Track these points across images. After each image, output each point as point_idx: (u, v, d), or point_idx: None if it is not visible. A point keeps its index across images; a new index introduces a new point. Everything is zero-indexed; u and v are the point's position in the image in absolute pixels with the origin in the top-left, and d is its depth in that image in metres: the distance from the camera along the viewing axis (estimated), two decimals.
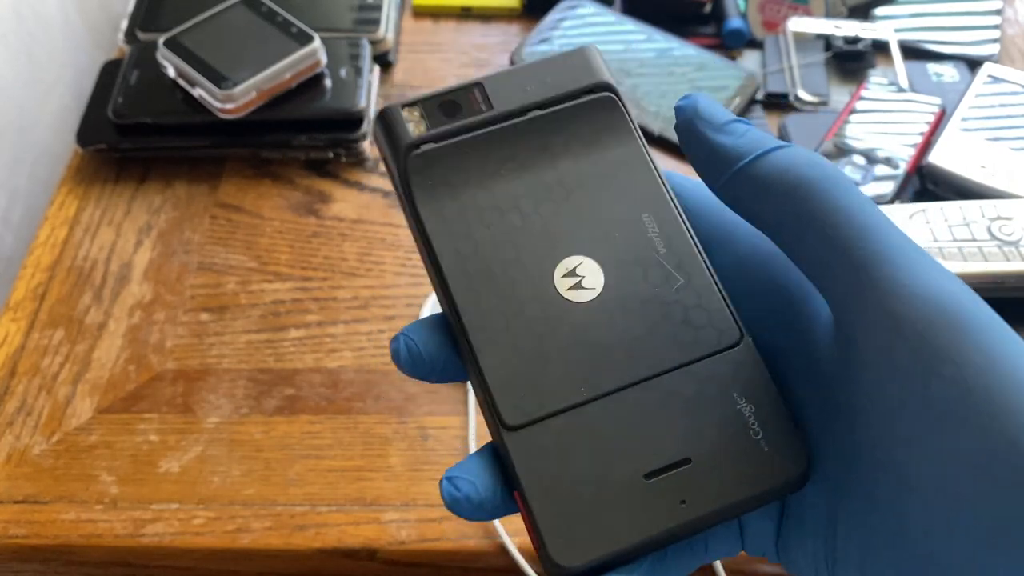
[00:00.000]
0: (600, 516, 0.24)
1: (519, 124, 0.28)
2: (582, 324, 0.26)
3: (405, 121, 0.27)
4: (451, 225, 0.27)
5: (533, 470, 0.25)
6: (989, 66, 0.70)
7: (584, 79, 0.29)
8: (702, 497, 0.24)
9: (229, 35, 0.68)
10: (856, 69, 0.74)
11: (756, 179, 0.24)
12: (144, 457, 0.53)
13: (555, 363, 0.26)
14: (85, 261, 0.63)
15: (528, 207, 0.27)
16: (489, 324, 0.26)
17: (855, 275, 0.23)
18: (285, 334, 0.59)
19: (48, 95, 0.77)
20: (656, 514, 0.24)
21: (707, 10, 0.77)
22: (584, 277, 0.27)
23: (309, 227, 0.65)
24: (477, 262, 0.27)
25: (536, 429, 0.25)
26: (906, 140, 0.65)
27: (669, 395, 0.25)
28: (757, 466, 0.25)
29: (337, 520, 0.51)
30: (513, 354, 0.26)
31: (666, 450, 0.25)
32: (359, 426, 0.55)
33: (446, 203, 0.27)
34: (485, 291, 0.26)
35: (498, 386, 0.25)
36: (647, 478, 0.25)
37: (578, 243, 0.27)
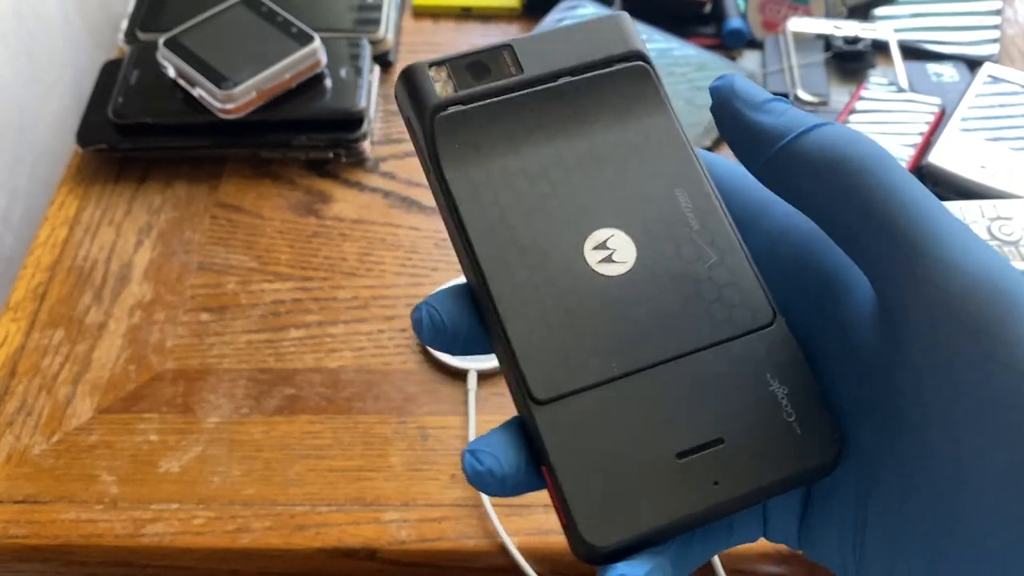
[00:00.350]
0: (632, 495, 0.23)
1: (550, 89, 0.27)
2: (613, 298, 0.25)
3: (432, 81, 0.26)
4: (479, 190, 0.26)
5: (563, 446, 0.24)
6: (989, 66, 0.70)
7: (617, 47, 0.28)
8: (735, 478, 0.24)
9: (229, 35, 0.68)
10: (856, 69, 0.74)
11: (799, 157, 0.24)
12: (144, 457, 0.53)
13: (585, 337, 0.25)
14: (85, 261, 0.63)
15: (558, 176, 0.26)
16: (518, 294, 0.25)
17: (902, 253, 0.22)
18: (285, 334, 0.59)
19: (48, 95, 0.77)
20: (688, 495, 0.24)
21: (707, 10, 0.77)
22: (615, 250, 0.26)
23: (309, 227, 0.65)
24: (505, 230, 0.26)
25: (566, 404, 0.24)
26: (906, 140, 0.65)
27: (701, 374, 0.25)
28: (790, 448, 0.24)
29: (337, 520, 0.51)
30: (542, 326, 0.25)
31: (698, 430, 0.24)
32: (359, 426, 0.55)
33: (474, 168, 0.26)
34: (514, 260, 0.25)
35: (527, 358, 0.24)
36: (679, 457, 0.24)
37: (609, 215, 0.26)
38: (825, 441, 0.25)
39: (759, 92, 0.25)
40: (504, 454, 0.24)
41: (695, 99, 0.71)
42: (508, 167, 0.26)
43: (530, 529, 0.50)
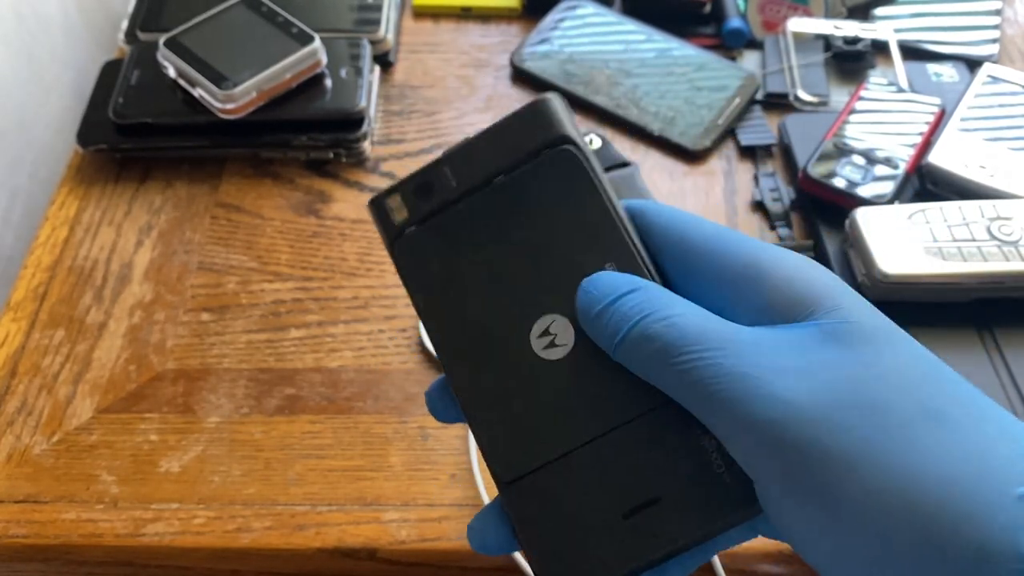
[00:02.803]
0: (587, 553, 0.27)
1: (487, 193, 0.30)
2: (558, 380, 0.29)
3: (389, 210, 0.31)
4: (437, 301, 0.30)
5: (527, 517, 0.28)
6: (989, 66, 0.70)
7: (544, 135, 0.30)
8: (673, 530, 0.27)
9: (229, 35, 0.68)
10: (856, 69, 0.74)
11: (626, 360, 0.27)
12: (144, 457, 0.54)
13: (538, 419, 0.28)
14: (86, 261, 0.63)
15: (502, 271, 0.30)
16: (479, 390, 0.29)
17: (711, 425, 0.26)
18: (285, 334, 0.59)
19: (48, 95, 0.78)
20: (634, 548, 0.27)
21: (707, 10, 0.77)
22: (556, 335, 0.29)
23: (309, 227, 0.65)
24: (463, 335, 0.29)
25: (526, 481, 0.28)
26: (906, 140, 0.65)
27: (638, 439, 0.28)
28: (720, 497, 0.27)
29: (337, 520, 0.51)
30: (501, 415, 0.29)
31: (638, 491, 0.27)
32: (359, 426, 0.55)
33: (431, 282, 0.30)
34: (473, 362, 0.29)
35: (491, 447, 0.28)
36: (625, 518, 0.27)
37: (549, 301, 0.29)
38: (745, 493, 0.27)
39: (595, 302, 0.28)
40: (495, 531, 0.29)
41: (695, 99, 0.71)
42: (459, 272, 0.30)
43: None
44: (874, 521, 0.23)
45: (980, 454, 0.23)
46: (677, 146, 0.69)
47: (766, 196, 0.66)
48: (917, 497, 0.23)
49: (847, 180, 0.62)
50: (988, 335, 0.56)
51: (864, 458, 0.23)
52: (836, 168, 0.63)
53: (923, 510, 0.22)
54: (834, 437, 0.24)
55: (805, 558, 0.25)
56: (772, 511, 0.25)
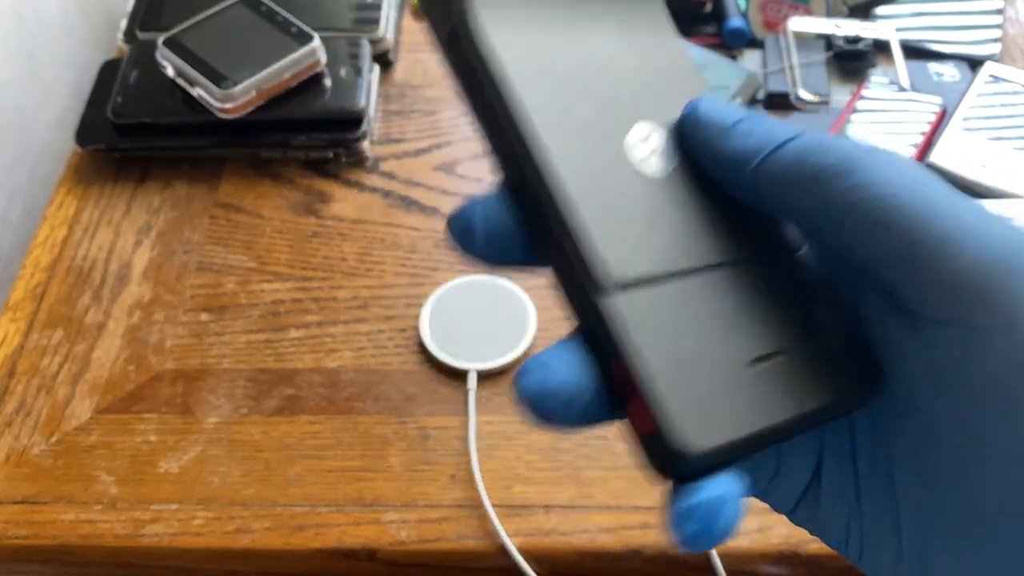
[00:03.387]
0: (716, 400, 0.22)
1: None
2: (662, 196, 0.24)
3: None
4: (520, 54, 0.23)
5: (643, 340, 0.21)
6: (990, 66, 0.70)
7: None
8: (803, 393, 0.23)
9: (229, 35, 0.68)
10: (857, 69, 0.73)
11: (771, 178, 0.23)
12: (143, 457, 0.53)
13: (648, 227, 0.23)
14: (84, 261, 0.63)
15: (594, 60, 0.25)
16: (576, 172, 0.22)
17: (900, 251, 0.21)
18: (285, 334, 0.59)
19: (48, 95, 0.77)
20: (767, 404, 0.22)
21: (707, 9, 0.77)
22: (655, 149, 0.24)
23: (309, 227, 0.65)
24: (557, 104, 0.23)
25: (640, 293, 0.22)
26: (907, 140, 0.64)
27: (755, 283, 0.24)
28: (841, 370, 0.23)
29: (337, 520, 0.51)
30: (605, 208, 0.23)
31: (767, 338, 0.23)
32: (359, 426, 0.55)
33: (511, 30, 0.23)
34: (570, 137, 0.23)
35: (596, 240, 0.22)
36: (751, 364, 0.22)
37: (646, 112, 0.25)
38: (866, 368, 0.24)
39: (725, 115, 0.24)
40: (569, 369, 0.21)
41: None
42: (543, 39, 0.24)
43: (530, 529, 0.50)
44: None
45: None
46: None
47: None
48: None
49: None
50: None
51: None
52: None
53: None
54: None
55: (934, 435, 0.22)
56: (958, 363, 0.21)
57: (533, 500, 0.51)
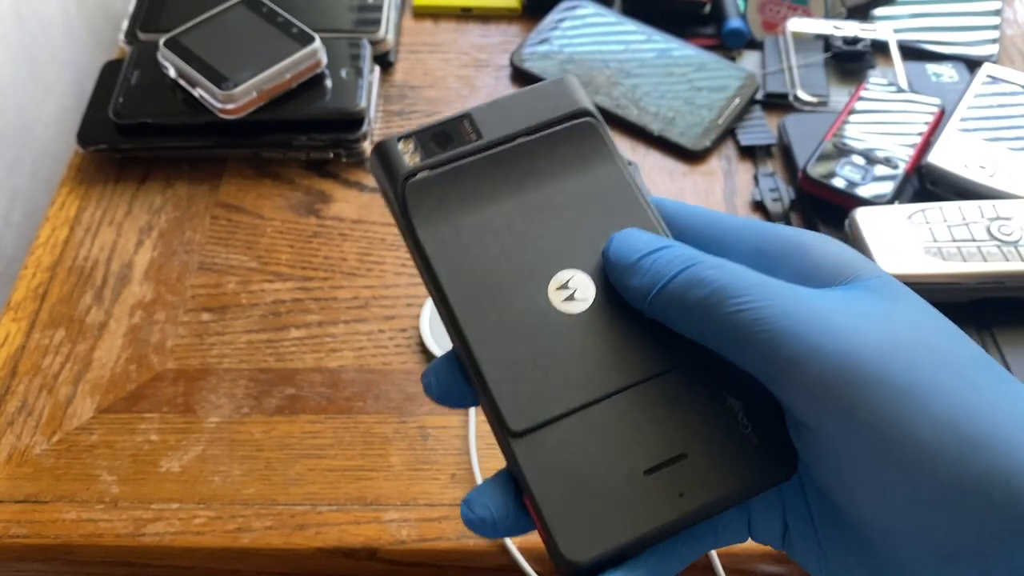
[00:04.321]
0: (606, 512, 0.25)
1: (508, 150, 0.30)
2: (577, 334, 0.28)
3: (401, 153, 0.29)
4: (449, 246, 0.28)
5: (540, 473, 0.26)
6: (988, 66, 0.70)
7: (565, 106, 0.30)
8: (699, 489, 0.26)
9: (230, 35, 0.68)
10: (855, 69, 0.74)
11: (665, 309, 0.27)
12: (145, 457, 0.54)
13: (554, 371, 0.27)
14: (86, 261, 0.63)
15: (520, 226, 0.29)
16: (490, 336, 0.27)
17: (768, 368, 0.25)
18: (286, 334, 0.59)
19: (48, 95, 0.78)
20: (657, 507, 0.26)
21: (707, 10, 0.77)
22: (576, 289, 0.28)
23: (309, 227, 0.65)
24: (475, 280, 0.28)
25: (540, 434, 0.26)
26: (905, 140, 0.65)
27: (662, 396, 0.27)
28: (748, 458, 0.26)
29: (337, 520, 0.51)
30: (515, 365, 0.27)
31: (663, 447, 0.26)
32: (359, 426, 0.55)
33: (443, 226, 0.29)
34: (485, 307, 0.28)
35: (502, 395, 0.27)
36: (647, 474, 0.26)
37: (569, 258, 0.29)
38: (781, 450, 0.27)
39: (630, 253, 0.28)
40: (494, 502, 0.27)
41: (695, 99, 0.71)
42: (474, 222, 0.29)
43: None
44: (942, 458, 0.23)
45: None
46: (677, 146, 0.69)
47: (766, 196, 0.66)
48: (985, 433, 0.23)
49: (847, 180, 0.62)
50: (988, 335, 0.56)
51: (932, 393, 0.23)
52: (836, 168, 0.63)
53: (992, 447, 0.22)
54: (904, 371, 0.23)
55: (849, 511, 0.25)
56: (826, 456, 0.25)
57: None
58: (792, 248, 0.27)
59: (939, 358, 0.24)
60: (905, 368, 0.24)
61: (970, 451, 0.22)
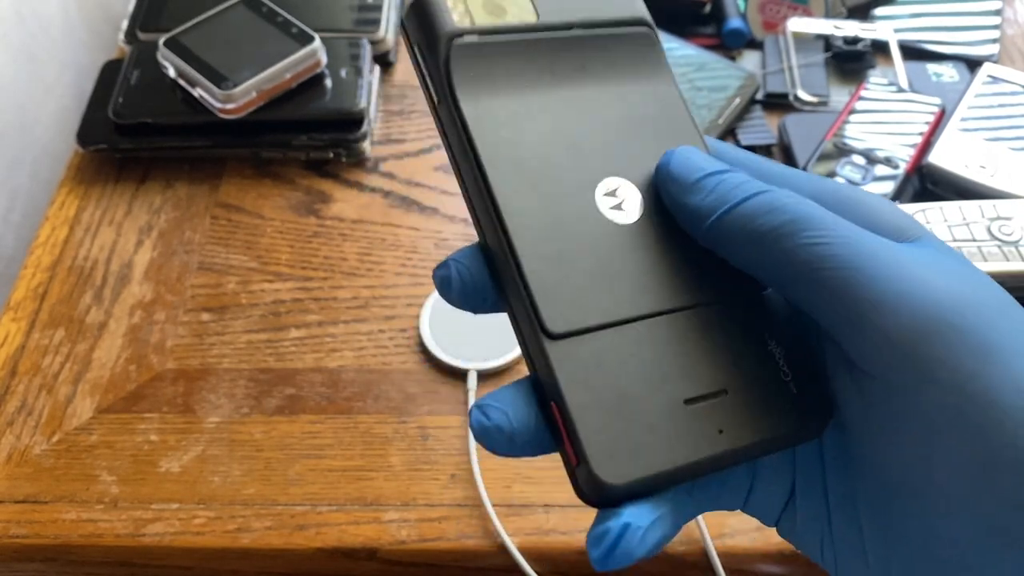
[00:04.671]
0: (642, 437, 0.23)
1: (564, 39, 0.27)
2: (623, 246, 0.26)
3: (449, 9, 0.26)
4: (491, 122, 0.26)
5: (575, 382, 0.23)
6: (989, 66, 0.70)
7: (627, 11, 0.29)
8: (738, 429, 0.24)
9: (229, 35, 0.68)
10: (856, 69, 0.74)
11: (726, 235, 0.25)
12: (144, 457, 0.54)
13: (597, 279, 0.25)
14: (86, 261, 0.63)
15: (569, 121, 0.27)
16: (531, 230, 0.25)
17: (839, 310, 0.23)
18: (285, 334, 0.59)
19: (48, 95, 0.78)
20: (696, 441, 0.24)
21: (707, 10, 0.77)
22: (624, 200, 0.26)
23: (309, 227, 0.65)
24: (518, 164, 0.25)
25: (579, 341, 0.24)
26: (906, 140, 0.65)
27: (706, 327, 0.25)
28: (787, 406, 0.25)
29: (337, 520, 0.51)
30: (556, 263, 0.25)
31: (705, 379, 0.25)
32: (359, 426, 0.55)
33: (487, 99, 0.26)
34: (526, 195, 0.25)
35: (541, 292, 0.24)
36: (687, 404, 0.24)
37: (618, 165, 0.27)
38: (817, 404, 0.25)
39: (692, 170, 0.26)
40: (514, 409, 0.24)
41: (695, 99, 0.71)
42: (521, 103, 0.26)
43: (530, 529, 0.50)
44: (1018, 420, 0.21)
45: None
46: None
47: None
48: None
49: (847, 180, 0.62)
50: None
51: (1016, 355, 0.22)
52: (836, 168, 0.63)
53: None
54: (988, 329, 0.22)
55: (895, 478, 0.23)
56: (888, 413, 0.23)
57: (533, 500, 0.51)
58: (852, 203, 0.25)
59: (1020, 321, 0.23)
60: (988, 326, 0.22)
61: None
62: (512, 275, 0.25)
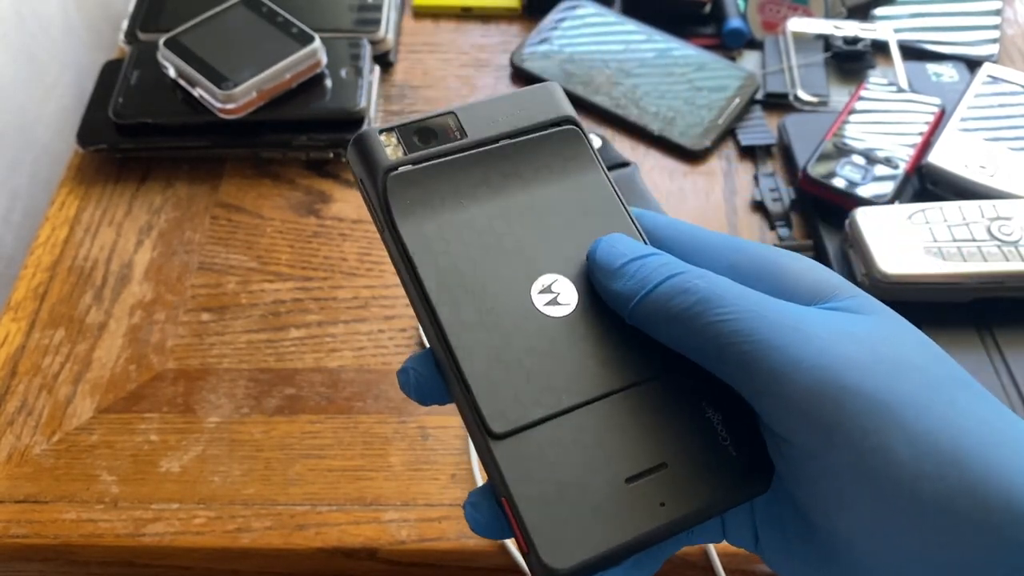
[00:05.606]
0: (586, 519, 0.25)
1: (491, 151, 0.29)
2: (559, 338, 0.27)
3: (383, 145, 0.28)
4: (429, 242, 0.28)
5: (520, 476, 0.25)
6: (988, 66, 0.70)
7: (550, 112, 0.30)
8: (680, 499, 0.26)
9: (229, 35, 0.68)
10: (856, 69, 0.74)
11: (647, 317, 0.27)
12: (145, 457, 0.54)
13: (536, 374, 0.27)
14: (86, 261, 0.63)
15: (503, 227, 0.29)
16: (471, 335, 0.27)
17: (747, 381, 0.25)
18: (285, 334, 0.59)
19: (48, 95, 0.78)
20: (639, 516, 0.25)
21: (707, 10, 0.77)
22: (559, 294, 0.28)
23: (309, 227, 0.65)
24: (457, 276, 0.28)
25: (521, 437, 0.26)
26: (905, 140, 0.65)
27: (642, 404, 0.27)
28: (727, 470, 0.26)
29: (337, 520, 0.51)
30: (496, 365, 0.27)
31: (644, 455, 0.26)
32: (359, 426, 0.55)
33: (424, 222, 0.28)
34: (466, 305, 0.27)
35: (483, 396, 0.26)
36: (628, 482, 0.26)
37: (551, 262, 0.28)
38: (758, 463, 0.27)
39: (616, 257, 0.28)
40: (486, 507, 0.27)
41: (695, 99, 0.71)
42: (456, 220, 0.28)
43: None
44: (921, 475, 0.23)
45: (1012, 419, 0.24)
46: (677, 146, 0.69)
47: (766, 196, 0.66)
48: (964, 451, 0.23)
49: (847, 180, 0.62)
50: (988, 335, 0.56)
51: (913, 409, 0.23)
52: (836, 168, 0.63)
53: (968, 463, 0.23)
54: (885, 388, 0.24)
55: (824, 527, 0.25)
56: (804, 471, 0.25)
57: None
58: (768, 266, 0.27)
59: (920, 376, 0.24)
60: (886, 385, 0.24)
61: (947, 468, 0.23)
62: (457, 382, 0.27)
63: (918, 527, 0.23)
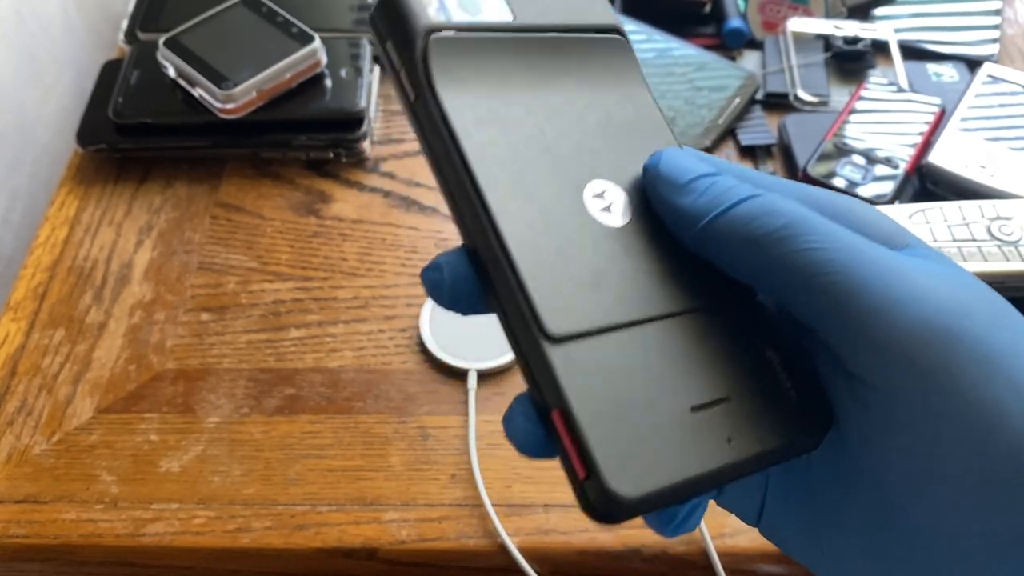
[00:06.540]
0: (653, 445, 0.22)
1: (540, 39, 0.26)
2: (616, 248, 0.25)
3: (424, 4, 0.25)
4: (476, 120, 0.24)
5: (580, 388, 0.22)
6: (989, 66, 0.70)
7: (600, 18, 0.28)
8: (747, 437, 0.23)
9: (229, 35, 0.68)
10: (856, 69, 0.74)
11: (719, 238, 0.24)
12: (144, 457, 0.54)
13: (594, 281, 0.24)
14: (85, 261, 0.63)
15: (549, 120, 0.26)
16: (524, 230, 0.23)
17: (837, 317, 0.23)
18: (285, 334, 0.59)
19: (48, 95, 0.78)
20: (708, 450, 0.23)
21: (707, 10, 0.77)
22: (612, 202, 0.25)
23: (309, 227, 0.65)
24: (506, 164, 0.24)
25: (581, 344, 0.23)
26: (906, 140, 0.65)
27: (704, 332, 0.24)
28: (790, 414, 0.24)
29: (337, 520, 0.51)
30: (551, 265, 0.23)
31: (709, 385, 0.24)
32: (359, 426, 0.55)
33: (467, 96, 0.24)
34: (517, 196, 0.24)
35: (539, 294, 0.23)
36: (693, 411, 0.23)
37: (602, 168, 0.26)
38: (817, 412, 0.24)
39: (683, 171, 0.25)
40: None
41: (695, 99, 0.71)
42: (501, 102, 0.25)
43: (530, 529, 0.50)
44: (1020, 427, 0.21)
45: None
46: None
47: None
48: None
49: (847, 180, 0.62)
50: None
51: (1016, 360, 0.22)
52: (836, 168, 0.63)
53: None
54: (987, 335, 0.22)
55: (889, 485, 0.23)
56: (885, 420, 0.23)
57: (533, 499, 0.51)
58: (843, 210, 0.25)
59: (1018, 325, 0.23)
60: (988, 333, 0.22)
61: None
62: (506, 277, 0.23)
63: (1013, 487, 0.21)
